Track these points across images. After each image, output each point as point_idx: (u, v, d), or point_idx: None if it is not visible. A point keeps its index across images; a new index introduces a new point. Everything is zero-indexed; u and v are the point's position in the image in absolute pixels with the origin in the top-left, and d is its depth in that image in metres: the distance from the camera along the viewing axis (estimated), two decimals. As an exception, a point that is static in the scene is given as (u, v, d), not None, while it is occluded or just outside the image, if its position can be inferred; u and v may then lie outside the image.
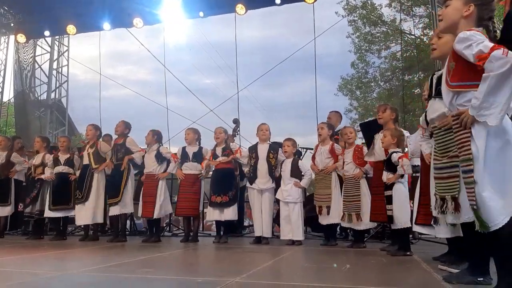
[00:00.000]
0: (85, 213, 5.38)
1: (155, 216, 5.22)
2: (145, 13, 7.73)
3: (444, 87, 2.02)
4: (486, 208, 1.72)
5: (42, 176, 5.73)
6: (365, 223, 4.25)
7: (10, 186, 6.05)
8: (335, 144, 4.70)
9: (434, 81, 2.45)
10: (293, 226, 4.66)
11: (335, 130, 5.11)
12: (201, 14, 7.74)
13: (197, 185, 5.31)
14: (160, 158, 5.36)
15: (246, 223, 7.51)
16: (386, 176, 3.58)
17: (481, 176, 1.73)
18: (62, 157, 5.81)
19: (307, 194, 5.68)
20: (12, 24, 9.28)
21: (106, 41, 9.57)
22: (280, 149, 5.18)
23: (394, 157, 3.50)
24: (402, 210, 3.50)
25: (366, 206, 4.19)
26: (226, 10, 7.67)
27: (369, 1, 16.33)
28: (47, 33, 8.81)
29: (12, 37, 9.41)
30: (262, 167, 5.01)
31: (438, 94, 2.23)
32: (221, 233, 5.18)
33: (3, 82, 9.55)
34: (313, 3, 7.22)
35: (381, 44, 16.69)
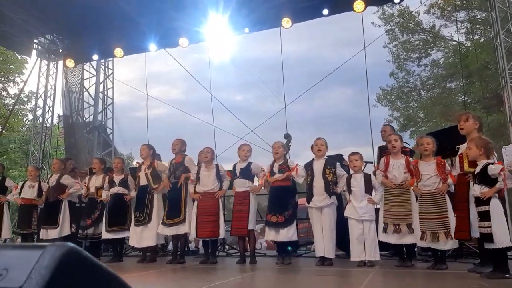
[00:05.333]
0: (148, 235, 5.29)
1: (221, 236, 5.08)
2: (190, 32, 7.76)
3: None
4: None
5: (103, 197, 5.72)
6: (451, 242, 3.90)
7: (60, 209, 6.02)
8: (409, 157, 4.40)
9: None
10: (369, 246, 4.35)
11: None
12: (247, 30, 7.68)
13: (246, 202, 5.09)
14: (219, 176, 5.22)
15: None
16: (479, 190, 3.26)
17: None
18: (117, 178, 5.78)
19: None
20: (60, 50, 9.59)
21: (140, 62, 9.72)
22: (338, 163, 4.94)
23: (493, 169, 3.19)
24: (502, 228, 3.17)
25: (451, 223, 3.85)
26: (272, 24, 7.57)
27: (406, 9, 15.96)
28: (95, 56, 9.01)
29: (60, 62, 9.69)
30: (318, 184, 4.76)
31: None
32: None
33: (53, 106, 9.82)
34: (362, 11, 7.01)
35: (421, 52, 16.21)
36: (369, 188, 4.46)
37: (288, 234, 4.74)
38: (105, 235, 5.62)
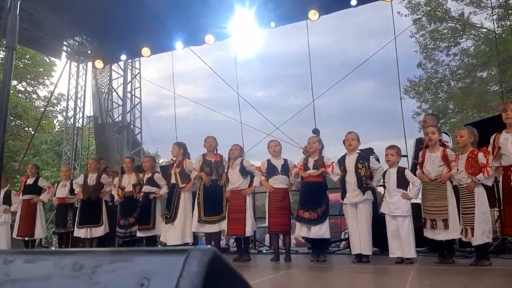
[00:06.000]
0: (174, 233, 5.31)
1: (247, 234, 5.02)
2: (217, 28, 7.75)
3: None
4: None
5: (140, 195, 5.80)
6: (475, 238, 3.76)
7: (101, 207, 6.17)
8: (447, 150, 4.24)
9: None
10: (403, 243, 4.22)
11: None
12: (272, 24, 7.60)
13: (286, 200, 5.06)
14: (244, 172, 5.18)
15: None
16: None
17: None
18: (145, 176, 5.85)
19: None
20: (89, 51, 9.78)
21: (164, 62, 9.80)
22: (371, 156, 4.81)
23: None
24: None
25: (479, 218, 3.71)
26: (298, 18, 7.47)
27: (433, -3, 15.47)
28: (123, 57, 9.14)
29: (89, 63, 9.88)
30: (351, 179, 4.63)
31: None
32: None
33: (83, 107, 10.03)
34: (391, 0, 6.81)
35: (450, 41, 15.69)
36: (402, 182, 4.32)
37: (320, 231, 4.66)
38: (138, 233, 5.71)
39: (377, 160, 5.08)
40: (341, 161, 4.79)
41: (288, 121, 8.82)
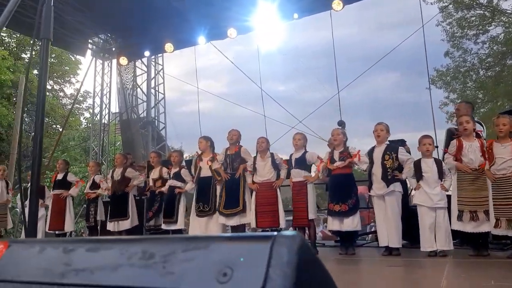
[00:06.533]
0: (214, 226, 5.32)
1: (281, 226, 5.00)
2: (239, 22, 7.69)
3: None
4: None
5: (163, 189, 5.83)
6: None
7: (127, 201, 6.26)
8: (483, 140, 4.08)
9: None
10: (442, 235, 4.09)
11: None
12: (296, 16, 7.49)
13: (303, 193, 4.97)
14: (275, 165, 5.15)
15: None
16: None
17: None
18: (172, 171, 5.90)
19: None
20: (113, 49, 9.90)
21: (185, 58, 9.81)
22: (401, 148, 4.69)
23: None
24: None
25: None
26: (322, 8, 7.34)
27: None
28: (147, 53, 9.22)
29: (114, 61, 10.01)
30: (377, 171, 4.54)
31: None
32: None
33: (109, 103, 10.19)
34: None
35: (478, 28, 15.14)
36: (441, 173, 4.19)
37: (353, 223, 4.59)
38: (163, 226, 5.76)
39: (408, 152, 4.95)
40: (370, 153, 4.69)
41: (310, 113, 8.72)
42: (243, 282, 0.38)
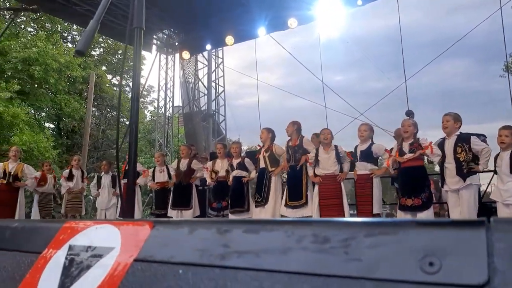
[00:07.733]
0: (265, 216, 5.35)
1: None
2: (300, 11, 7.57)
3: None
4: None
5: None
6: None
7: (192, 191, 6.44)
8: None
9: None
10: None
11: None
12: (359, 2, 7.22)
13: (368, 186, 4.83)
14: (339, 158, 5.04)
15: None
16: None
17: None
18: (235, 161, 5.97)
19: None
20: (176, 43, 10.20)
21: (242, 51, 9.84)
22: (474, 137, 4.35)
23: None
24: None
25: None
26: (388, -7, 7.01)
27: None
28: (208, 46, 9.39)
29: (177, 55, 10.32)
30: (450, 165, 4.27)
31: None
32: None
33: (173, 97, 10.54)
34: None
35: None
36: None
37: (428, 218, 4.36)
38: (230, 216, 5.86)
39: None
40: (440, 145, 4.42)
41: (374, 104, 8.41)
42: (458, 273, 0.33)
